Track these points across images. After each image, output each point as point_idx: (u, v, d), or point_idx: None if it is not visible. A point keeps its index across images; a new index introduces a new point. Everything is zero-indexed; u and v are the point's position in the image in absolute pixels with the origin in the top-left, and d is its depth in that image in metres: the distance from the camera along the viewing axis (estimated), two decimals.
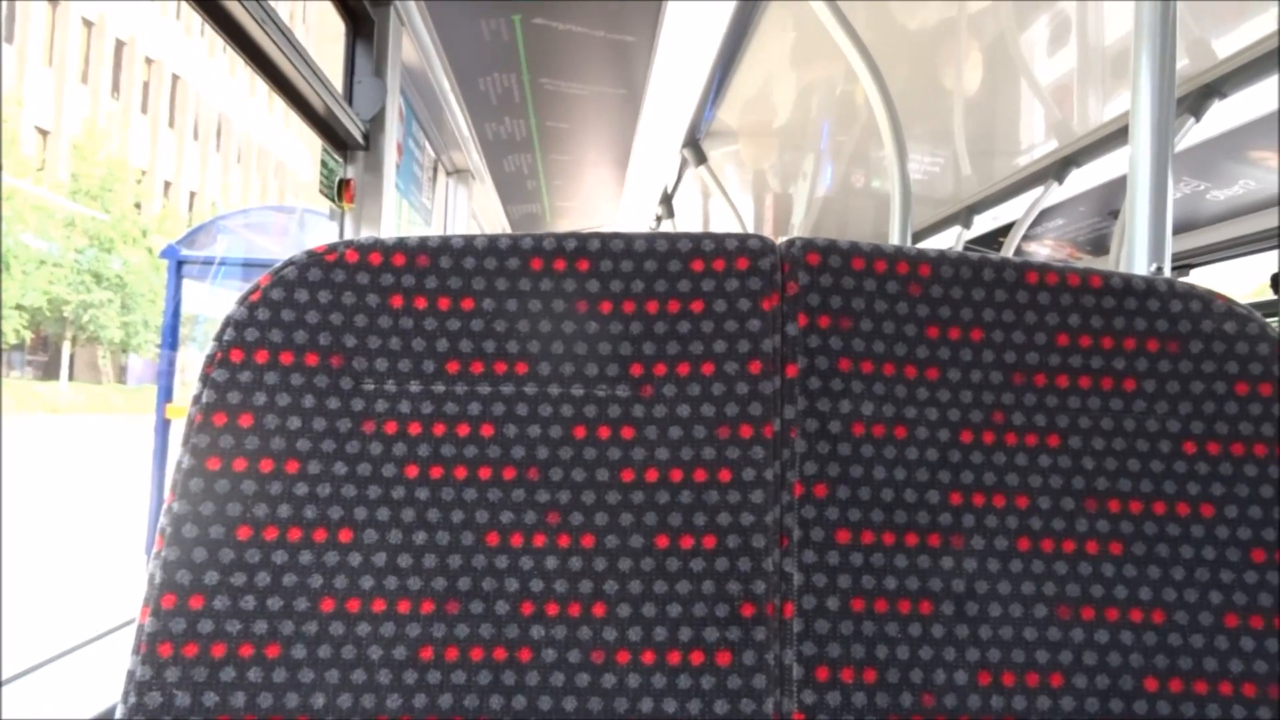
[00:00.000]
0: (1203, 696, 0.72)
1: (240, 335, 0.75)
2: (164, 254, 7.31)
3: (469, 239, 0.78)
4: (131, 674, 0.69)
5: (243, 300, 0.76)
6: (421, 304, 0.76)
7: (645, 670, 0.71)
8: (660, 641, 0.71)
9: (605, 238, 0.78)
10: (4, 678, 0.82)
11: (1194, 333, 0.78)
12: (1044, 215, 3.86)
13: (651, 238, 0.78)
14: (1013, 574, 0.74)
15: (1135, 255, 1.25)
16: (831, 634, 0.72)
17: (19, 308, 21.49)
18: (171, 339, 6.98)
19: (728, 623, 0.72)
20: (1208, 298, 0.79)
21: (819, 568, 0.73)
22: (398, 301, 0.76)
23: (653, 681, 0.71)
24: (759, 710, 0.70)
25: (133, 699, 0.69)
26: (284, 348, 0.74)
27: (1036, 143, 3.31)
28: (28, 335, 22.84)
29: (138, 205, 25.42)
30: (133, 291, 24.37)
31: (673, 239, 0.78)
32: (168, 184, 29.02)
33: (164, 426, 6.57)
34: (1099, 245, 4.17)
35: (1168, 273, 1.26)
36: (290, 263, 0.77)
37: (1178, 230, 2.92)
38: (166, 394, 6.78)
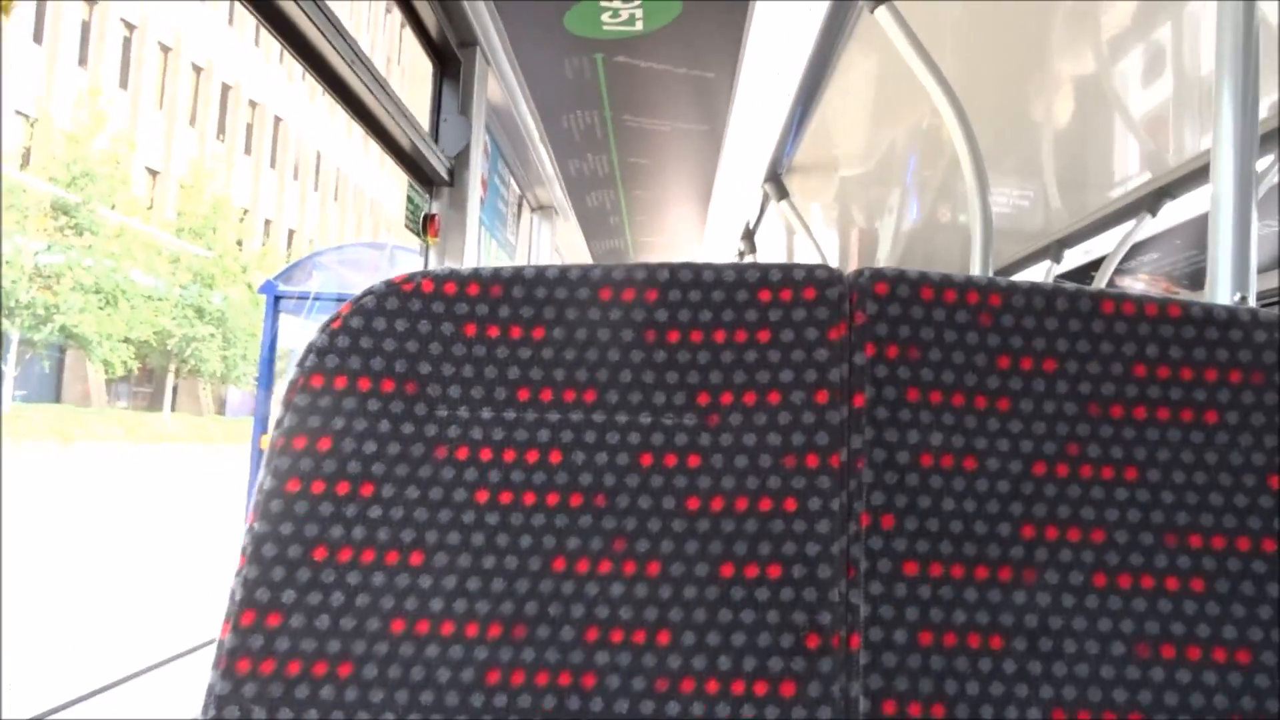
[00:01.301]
0: None
1: (321, 362, 0.77)
2: (263, 289, 7.52)
3: (541, 269, 0.80)
4: (211, 688, 0.72)
5: (324, 328, 0.79)
6: (494, 332, 0.78)
7: (709, 699, 0.71)
8: (725, 671, 0.71)
9: (674, 268, 0.79)
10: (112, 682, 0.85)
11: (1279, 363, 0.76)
12: (1138, 249, 3.75)
13: (719, 268, 0.79)
14: (1088, 610, 0.72)
15: (1218, 284, 1.21)
16: (899, 667, 0.71)
17: (127, 340, 22.41)
18: (268, 372, 7.14)
19: (793, 653, 0.71)
20: None
21: (886, 599, 0.72)
22: (471, 330, 0.78)
23: (717, 711, 0.71)
24: None
25: (211, 712, 0.71)
26: (362, 374, 0.77)
27: (1129, 175, 3.23)
28: (135, 367, 23.80)
29: (239, 242, 26.40)
30: (233, 326, 25.27)
31: (740, 269, 0.79)
32: (268, 221, 30.09)
33: (259, 456, 6.76)
34: (1196, 279, 4.04)
35: (1252, 302, 1.22)
36: (370, 292, 0.79)
37: (1264, 269, 2.81)
38: (262, 425, 6.93)
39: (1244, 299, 1.20)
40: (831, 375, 0.76)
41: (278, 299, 7.05)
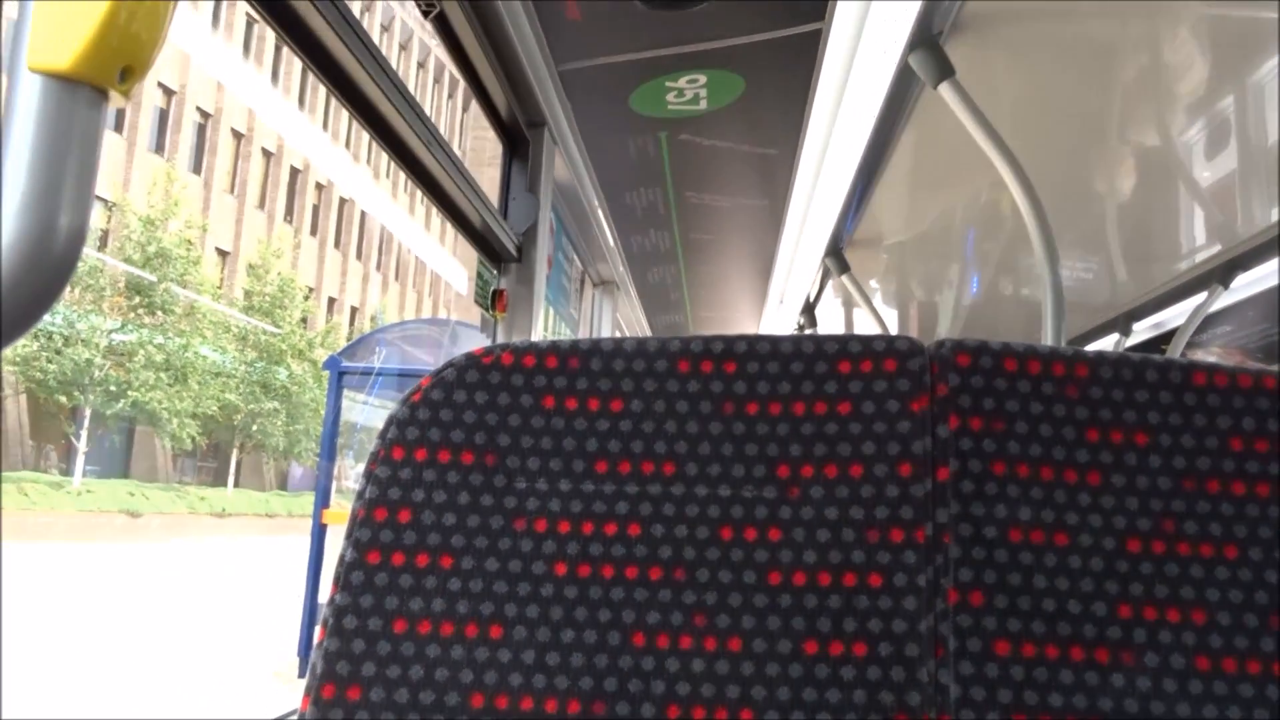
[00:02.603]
0: None
1: (402, 434, 0.78)
2: (326, 365, 7.61)
3: (618, 341, 0.81)
4: None
5: (405, 400, 0.80)
6: (572, 405, 0.79)
7: None
8: None
9: (751, 340, 0.79)
10: None
11: None
12: (1210, 321, 3.67)
13: (798, 339, 0.79)
14: (1192, 695, 0.69)
15: None
16: None
17: (194, 416, 22.88)
18: (330, 447, 7.17)
19: None
20: None
21: (977, 680, 0.70)
22: (549, 402, 0.79)
23: None
24: None
25: None
26: (442, 446, 0.78)
27: (1197, 246, 3.18)
28: (202, 442, 24.23)
29: (304, 320, 26.98)
30: (297, 402, 25.69)
31: (819, 340, 0.79)
32: (332, 300, 30.77)
33: (320, 531, 6.64)
34: (1271, 352, 3.93)
35: None
36: (450, 365, 0.81)
37: None
38: (324, 499, 6.91)
39: None
40: (915, 447, 0.75)
41: (341, 374, 7.11)
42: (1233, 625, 0.70)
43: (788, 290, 4.36)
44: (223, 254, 26.60)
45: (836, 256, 3.71)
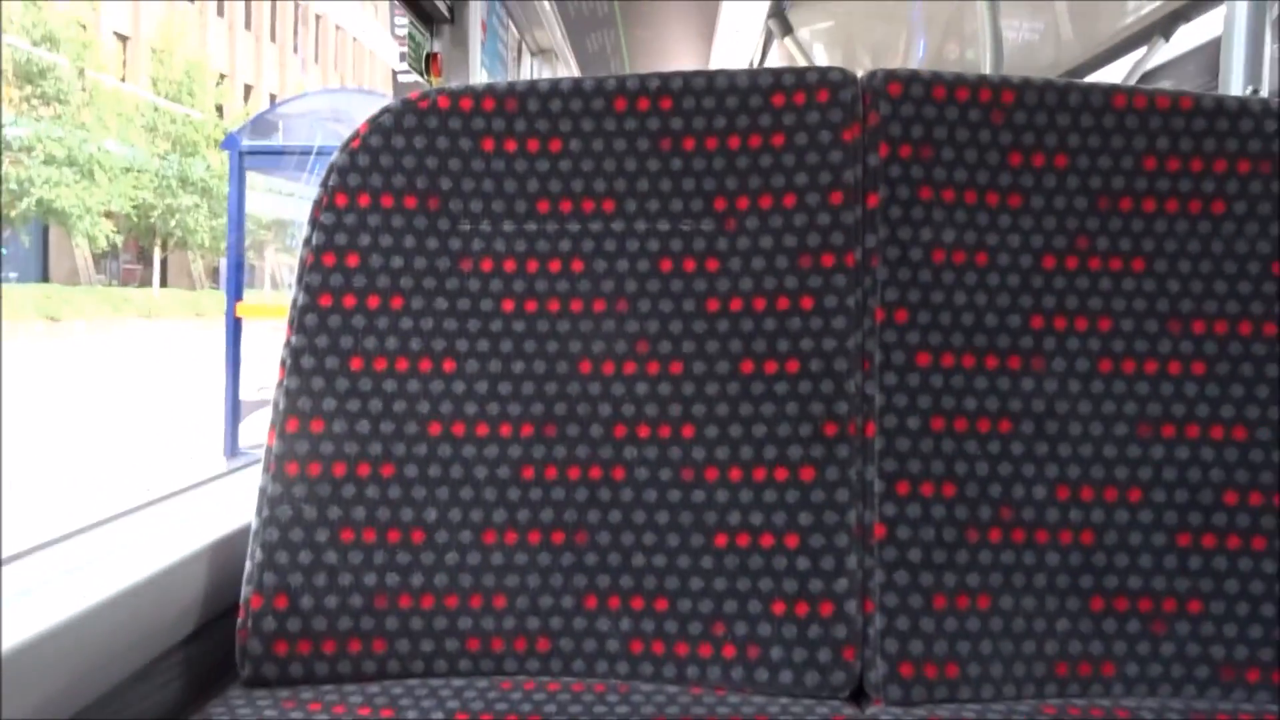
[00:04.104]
0: None
1: (344, 181, 0.79)
2: (225, 144, 6.51)
3: (554, 82, 0.81)
4: (263, 490, 0.76)
5: (344, 147, 0.80)
6: (511, 146, 0.79)
7: (733, 486, 0.75)
8: (746, 460, 0.75)
9: (687, 76, 0.79)
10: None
11: None
12: (1149, 77, 3.67)
13: (733, 74, 0.79)
14: (1094, 394, 0.75)
15: (1231, 78, 1.21)
16: (912, 451, 0.75)
17: (108, 215, 21.82)
18: (237, 237, 6.36)
19: (811, 441, 0.75)
20: None
21: (900, 389, 0.75)
22: (489, 145, 0.79)
23: (740, 496, 0.75)
24: (842, 522, 0.74)
25: (265, 512, 0.76)
26: (384, 191, 0.79)
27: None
28: (118, 240, 23.25)
29: (219, 109, 25.46)
30: (219, 194, 24.57)
31: (753, 74, 0.79)
32: (248, 87, 29.10)
33: (235, 326, 5.99)
34: None
35: (1265, 95, 1.21)
36: (386, 110, 0.80)
37: None
38: (236, 292, 6.12)
39: (1256, 92, 1.20)
40: (845, 176, 0.77)
41: (243, 154, 6.15)
42: (1135, 331, 0.76)
43: (731, 57, 4.25)
44: (122, 38, 24.80)
45: (779, 18, 3.60)
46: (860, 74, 0.80)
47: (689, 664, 0.74)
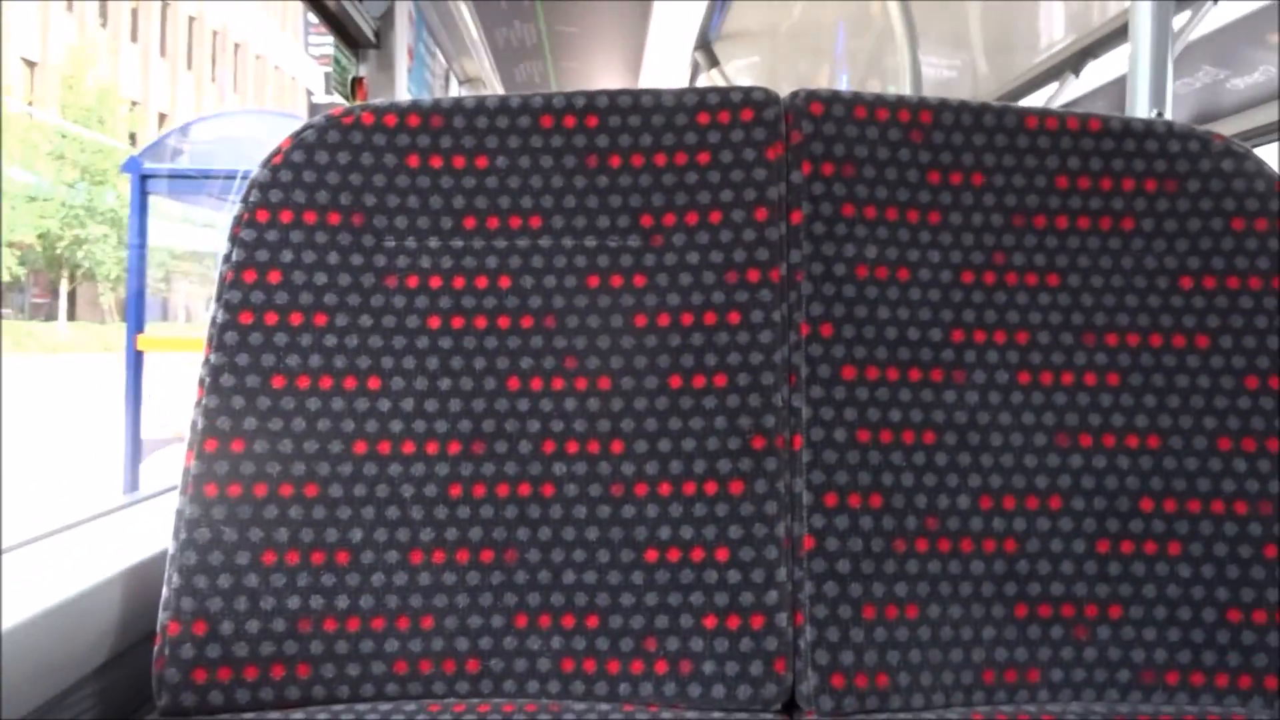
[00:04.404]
0: (1195, 515, 0.76)
1: (265, 197, 0.78)
2: (125, 167, 6.01)
3: (480, 99, 0.81)
4: (180, 513, 0.74)
5: (265, 163, 0.79)
6: (437, 163, 0.79)
7: (662, 501, 0.75)
8: (676, 474, 0.75)
9: (613, 94, 0.80)
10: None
11: (1192, 171, 0.80)
12: None
13: (658, 93, 0.80)
14: (1013, 405, 0.77)
15: (1136, 100, 1.26)
16: (839, 463, 0.75)
17: (11, 245, 20.92)
18: (139, 262, 5.91)
19: (740, 455, 0.76)
20: (1205, 137, 0.80)
21: (826, 402, 0.76)
22: (414, 161, 0.79)
23: (670, 510, 0.75)
24: (771, 534, 0.75)
25: (183, 535, 0.73)
26: (307, 207, 0.78)
27: (1054, 38, 3.25)
28: (21, 273, 22.34)
29: (132, 136, 24.69)
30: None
31: (678, 94, 0.80)
32: (162, 116, 28.40)
33: (136, 360, 5.64)
34: None
35: (1168, 117, 1.26)
36: (309, 126, 0.79)
37: (1201, 122, 2.87)
38: (137, 324, 5.77)
39: (1159, 114, 1.25)
40: (770, 193, 0.78)
41: (145, 178, 5.71)
42: (1051, 343, 0.78)
43: (657, 86, 4.30)
44: (30, 64, 24.06)
45: (706, 50, 3.67)
46: (784, 96, 0.81)
47: (621, 681, 0.74)
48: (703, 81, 4.10)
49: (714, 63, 3.60)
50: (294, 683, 0.72)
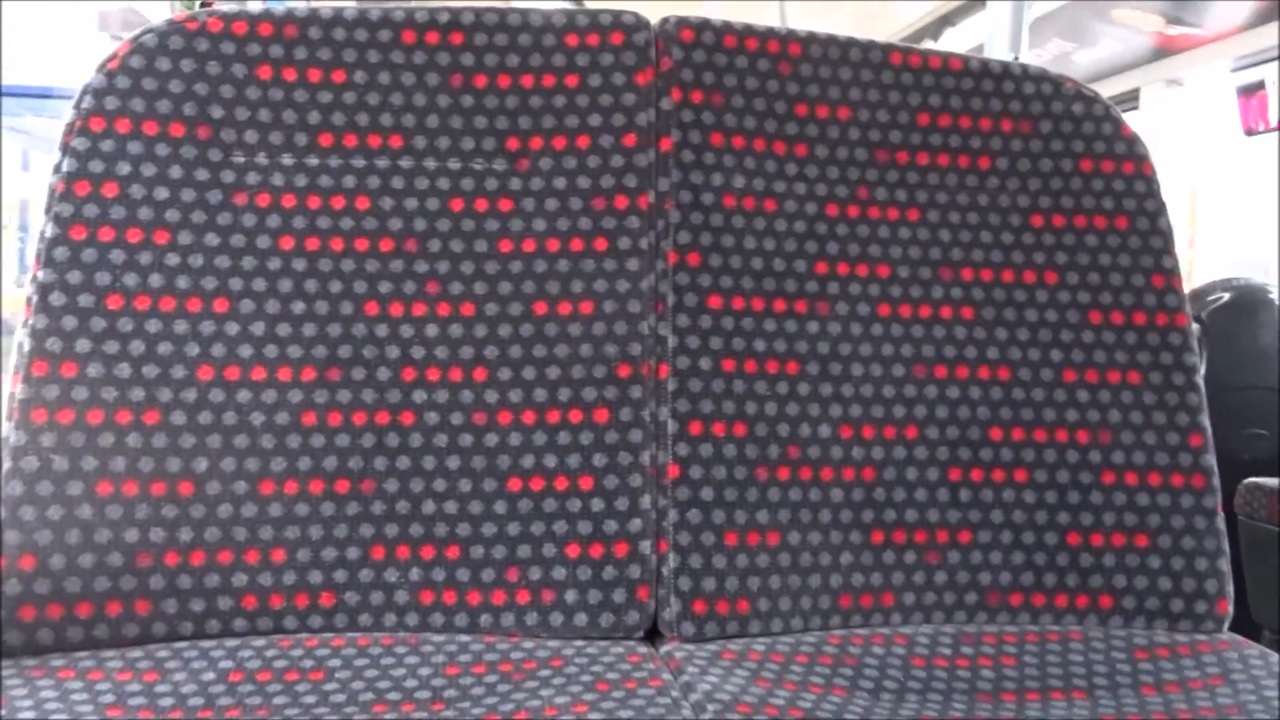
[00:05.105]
0: (1041, 443, 0.79)
1: (100, 103, 0.72)
2: None
3: (338, 10, 0.77)
4: (6, 439, 0.69)
5: (100, 68, 0.73)
6: (291, 76, 0.75)
7: (526, 429, 0.74)
8: (540, 402, 0.74)
9: (478, 11, 0.77)
10: None
11: (1045, 113, 0.82)
12: None
13: (525, 12, 0.78)
14: (874, 337, 0.79)
15: (995, 47, 1.30)
16: (704, 392, 0.75)
17: None
18: None
19: (605, 382, 0.75)
20: (1058, 80, 0.83)
21: (692, 331, 0.76)
22: (266, 73, 0.75)
23: (534, 439, 0.74)
24: (635, 462, 0.74)
25: (8, 464, 0.68)
26: (147, 117, 0.72)
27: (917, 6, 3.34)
28: None
29: None
30: None
31: (547, 14, 0.78)
32: None
33: None
34: None
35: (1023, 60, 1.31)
36: (150, 30, 0.74)
37: None
38: None
39: (1016, 59, 1.29)
40: (639, 119, 0.77)
41: None
42: (910, 277, 0.80)
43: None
44: None
45: None
46: (655, 21, 0.80)
47: (482, 612, 0.72)
48: None
49: None
50: (132, 620, 0.68)
